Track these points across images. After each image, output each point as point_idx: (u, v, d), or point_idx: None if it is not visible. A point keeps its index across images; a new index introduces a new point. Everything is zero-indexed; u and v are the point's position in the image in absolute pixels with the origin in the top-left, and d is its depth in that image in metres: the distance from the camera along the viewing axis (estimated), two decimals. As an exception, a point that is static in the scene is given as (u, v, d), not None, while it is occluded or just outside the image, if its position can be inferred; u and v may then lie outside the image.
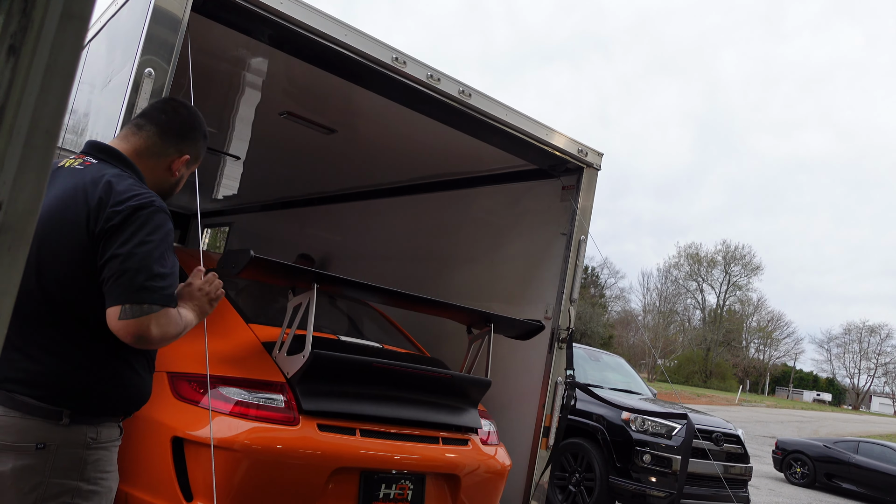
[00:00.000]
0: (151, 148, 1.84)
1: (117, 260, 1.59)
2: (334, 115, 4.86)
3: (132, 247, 1.60)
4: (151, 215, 1.64)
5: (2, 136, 0.44)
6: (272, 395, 2.81)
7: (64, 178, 1.71)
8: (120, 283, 1.58)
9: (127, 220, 1.61)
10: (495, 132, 4.10)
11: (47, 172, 0.47)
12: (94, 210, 1.62)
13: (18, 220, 0.46)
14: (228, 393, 2.74)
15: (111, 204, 1.62)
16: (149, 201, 1.66)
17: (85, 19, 0.46)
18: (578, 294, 4.41)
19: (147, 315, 1.58)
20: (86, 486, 1.63)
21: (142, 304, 1.58)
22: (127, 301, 1.57)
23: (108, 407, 1.70)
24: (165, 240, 1.67)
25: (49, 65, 0.45)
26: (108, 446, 1.71)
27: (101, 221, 1.61)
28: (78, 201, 1.64)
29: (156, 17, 2.76)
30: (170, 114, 1.89)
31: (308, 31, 3.22)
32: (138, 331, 1.58)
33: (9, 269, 0.46)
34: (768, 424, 27.57)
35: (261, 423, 2.71)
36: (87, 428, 1.65)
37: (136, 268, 1.59)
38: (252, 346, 3.04)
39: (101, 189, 1.64)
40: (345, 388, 2.97)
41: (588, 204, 4.49)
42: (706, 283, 61.88)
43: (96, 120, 3.39)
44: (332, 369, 2.93)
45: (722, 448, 7.07)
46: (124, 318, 1.57)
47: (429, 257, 5.95)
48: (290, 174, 7.18)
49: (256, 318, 3.33)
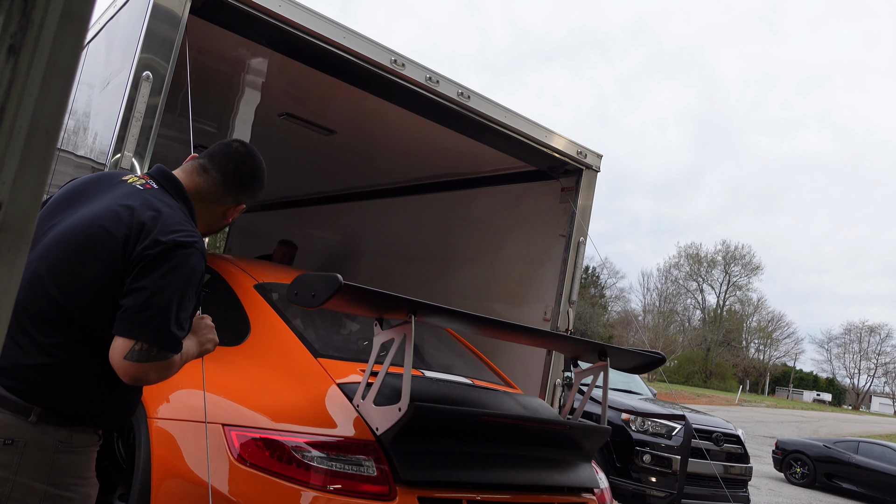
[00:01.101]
0: (212, 195, 1.83)
1: (145, 293, 1.55)
2: (334, 116, 4.86)
3: (164, 284, 1.56)
4: (190, 256, 1.61)
5: (2, 136, 0.44)
6: (360, 458, 2.23)
7: (121, 192, 1.69)
8: (140, 318, 1.54)
9: (166, 254, 1.58)
10: (494, 134, 4.11)
11: (47, 172, 0.47)
12: (135, 232, 1.59)
13: (18, 220, 0.46)
14: (309, 457, 2.16)
15: (157, 232, 1.59)
16: (192, 241, 1.63)
17: (85, 19, 0.46)
18: (578, 295, 4.41)
19: (153, 361, 1.55)
20: (55, 491, 1.56)
21: (152, 348, 1.54)
22: (140, 339, 1.53)
23: (80, 415, 1.62)
24: (194, 283, 1.64)
25: (49, 65, 0.45)
26: (82, 451, 1.64)
27: (140, 247, 1.57)
28: (122, 217, 1.61)
29: (155, 17, 2.77)
30: (237, 163, 1.86)
31: (307, 33, 3.22)
32: (138, 374, 1.55)
33: (9, 269, 0.46)
34: (768, 424, 27.56)
35: (351, 498, 2.15)
36: (56, 430, 1.58)
37: (162, 307, 1.55)
38: (326, 390, 2.44)
39: (149, 214, 1.62)
40: (447, 448, 2.40)
41: (587, 205, 4.50)
42: (706, 283, 61.91)
43: (96, 120, 3.39)
44: (435, 425, 2.36)
45: (722, 448, 7.07)
46: (130, 359, 1.53)
47: (428, 258, 5.95)
48: (290, 175, 7.18)
49: (325, 350, 2.76)
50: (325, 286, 2.11)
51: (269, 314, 2.86)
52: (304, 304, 2.20)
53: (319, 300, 2.12)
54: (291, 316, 2.93)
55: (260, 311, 2.88)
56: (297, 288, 2.22)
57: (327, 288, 2.10)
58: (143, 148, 2.76)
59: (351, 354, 3.00)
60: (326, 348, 2.84)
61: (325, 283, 2.11)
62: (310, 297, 2.15)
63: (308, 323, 3.07)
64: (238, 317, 2.89)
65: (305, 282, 2.21)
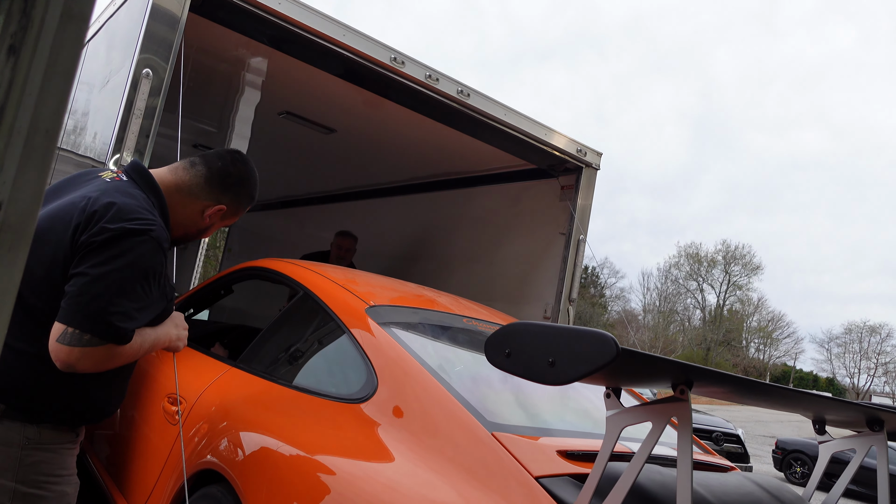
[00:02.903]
0: (193, 188, 1.80)
1: (84, 279, 1.49)
2: (333, 114, 4.86)
3: (106, 271, 1.50)
4: (141, 244, 1.54)
5: (2, 136, 0.44)
6: None
7: (89, 186, 1.66)
8: (74, 303, 1.48)
9: (112, 241, 1.52)
10: (494, 132, 4.11)
11: (47, 172, 0.47)
12: (85, 220, 1.54)
13: (18, 220, 0.46)
14: None
15: (107, 220, 1.53)
16: (146, 229, 1.56)
17: (85, 19, 0.46)
18: (577, 293, 4.41)
19: (84, 347, 1.47)
20: (24, 489, 1.52)
21: (84, 334, 1.47)
22: (72, 324, 1.47)
23: (47, 412, 1.57)
24: (149, 272, 1.57)
25: (49, 65, 0.45)
26: (53, 448, 1.59)
27: (87, 234, 1.52)
28: (77, 206, 1.57)
29: (154, 16, 2.77)
30: (226, 163, 1.85)
31: (306, 31, 3.22)
32: (69, 359, 1.48)
33: (9, 269, 0.46)
34: (768, 424, 27.57)
35: None
36: (23, 426, 1.53)
37: (98, 293, 1.48)
38: (523, 491, 1.45)
39: (104, 202, 1.56)
40: None
41: (587, 203, 4.50)
42: (706, 282, 61.91)
43: (95, 119, 3.39)
44: None
45: (722, 447, 7.08)
46: (61, 342, 1.47)
47: (427, 257, 5.96)
48: (290, 174, 7.19)
49: (499, 417, 1.76)
50: (598, 353, 1.10)
51: (400, 356, 1.90)
52: (526, 375, 1.21)
53: (567, 373, 1.14)
54: (426, 356, 1.94)
55: (386, 352, 1.94)
56: (508, 343, 1.23)
57: (591, 356, 1.11)
58: (143, 147, 2.75)
59: (535, 420, 1.98)
60: (499, 413, 1.82)
61: (597, 348, 1.11)
62: (543, 366, 1.17)
63: (450, 367, 2.02)
64: (347, 358, 2.04)
65: (530, 336, 1.21)
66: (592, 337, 1.13)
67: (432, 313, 2.46)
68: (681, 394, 1.32)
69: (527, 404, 2.03)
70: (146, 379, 2.55)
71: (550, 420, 2.05)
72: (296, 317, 2.46)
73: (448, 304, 2.70)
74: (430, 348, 2.06)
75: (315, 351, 2.24)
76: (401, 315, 2.23)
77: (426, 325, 2.30)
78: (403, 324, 2.16)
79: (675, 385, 1.34)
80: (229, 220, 1.93)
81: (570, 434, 1.88)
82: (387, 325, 2.07)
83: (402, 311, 2.28)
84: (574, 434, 1.89)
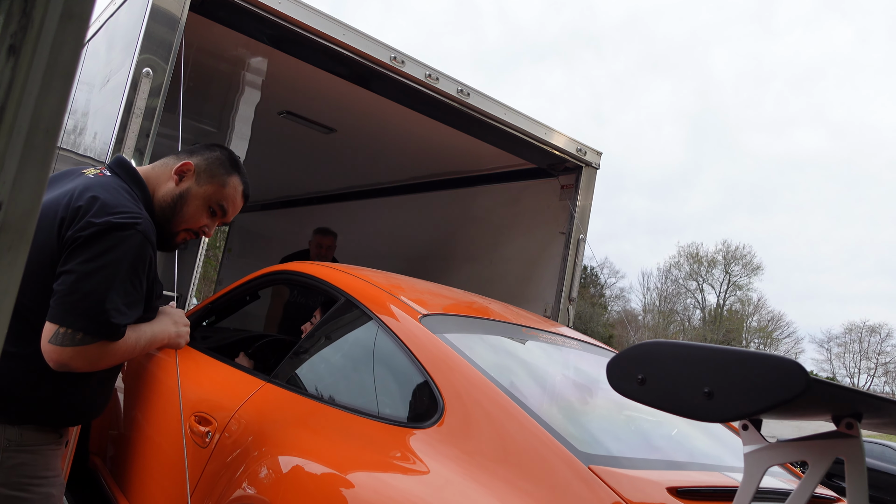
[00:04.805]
0: (168, 161, 1.82)
1: (73, 276, 1.47)
2: (333, 114, 4.86)
3: (95, 267, 1.48)
4: (128, 238, 1.53)
5: (2, 136, 0.44)
6: None
7: (74, 183, 1.65)
8: (63, 301, 1.46)
9: (98, 236, 1.50)
10: (494, 131, 4.11)
11: (47, 172, 0.47)
12: (70, 215, 1.52)
13: (18, 220, 0.46)
14: None
15: (91, 215, 1.51)
16: (132, 223, 1.55)
17: (85, 19, 0.46)
18: (577, 293, 4.41)
19: (77, 346, 1.46)
20: (8, 492, 1.50)
21: (77, 333, 1.45)
22: (63, 324, 1.45)
23: (28, 412, 1.55)
24: (138, 266, 1.55)
25: (49, 65, 0.45)
26: (36, 450, 1.57)
27: (73, 229, 1.50)
28: (61, 202, 1.56)
29: (154, 16, 2.77)
30: (207, 146, 1.87)
31: (306, 30, 3.22)
32: (62, 359, 1.46)
33: (9, 269, 0.46)
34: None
35: None
36: (4, 428, 1.51)
37: (87, 291, 1.47)
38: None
39: (88, 197, 1.55)
40: None
41: (587, 203, 4.50)
42: (706, 282, 61.93)
43: (95, 119, 3.39)
44: None
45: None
46: (54, 342, 1.45)
47: (428, 256, 5.96)
48: (290, 173, 7.19)
49: (596, 446, 1.57)
50: (757, 382, 0.88)
51: (467, 375, 1.65)
52: (668, 408, 0.96)
53: (730, 408, 0.90)
54: (497, 374, 1.68)
55: (451, 369, 1.68)
56: (643, 367, 1.01)
57: (769, 388, 0.87)
58: (143, 147, 2.75)
59: (633, 449, 1.73)
60: (590, 441, 1.59)
61: (758, 376, 0.88)
62: (696, 398, 0.91)
63: (525, 387, 1.77)
64: (403, 375, 1.81)
65: (678, 360, 0.97)
66: (773, 363, 0.89)
67: (490, 323, 2.24)
68: (847, 428, 1.07)
69: (618, 430, 1.80)
70: (167, 393, 2.32)
71: (648, 448, 1.77)
72: (338, 327, 2.17)
73: (502, 312, 2.46)
74: (498, 365, 1.83)
75: (364, 367, 1.98)
76: (458, 326, 2.01)
77: (488, 338, 2.07)
78: (464, 336, 1.91)
79: (837, 418, 1.08)
80: (201, 189, 1.81)
81: (675, 465, 1.63)
82: (446, 338, 1.81)
83: (458, 321, 2.06)
84: (679, 465, 1.65)
